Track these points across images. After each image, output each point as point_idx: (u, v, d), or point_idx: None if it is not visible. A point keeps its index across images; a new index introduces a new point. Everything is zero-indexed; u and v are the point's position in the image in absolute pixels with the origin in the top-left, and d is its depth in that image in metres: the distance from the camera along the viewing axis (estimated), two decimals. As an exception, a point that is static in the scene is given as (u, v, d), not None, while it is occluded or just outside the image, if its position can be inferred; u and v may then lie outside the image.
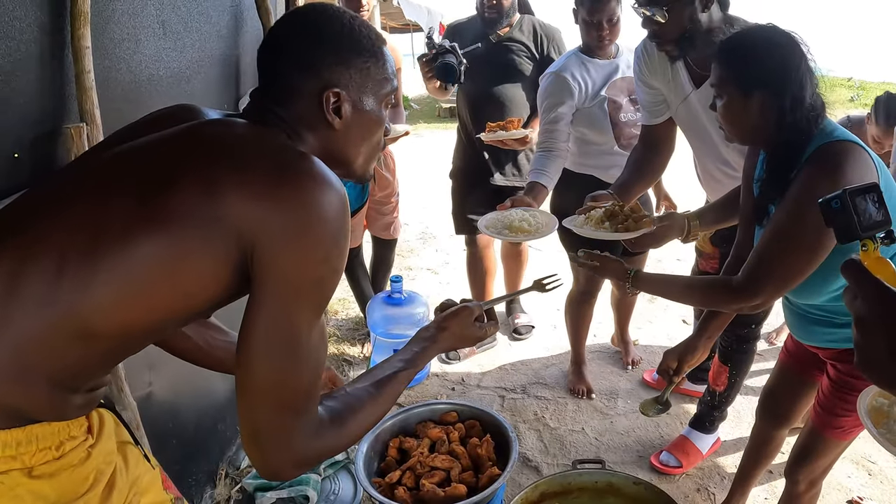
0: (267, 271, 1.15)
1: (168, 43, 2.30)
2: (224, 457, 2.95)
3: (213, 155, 1.20)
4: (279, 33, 1.35)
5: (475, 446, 2.43)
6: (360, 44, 1.34)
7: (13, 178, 1.68)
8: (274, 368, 1.17)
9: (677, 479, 3.08)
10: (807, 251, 1.82)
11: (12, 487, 1.13)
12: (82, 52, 1.81)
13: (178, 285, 1.16)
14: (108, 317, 1.14)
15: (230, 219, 1.13)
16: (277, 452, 1.20)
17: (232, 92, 2.90)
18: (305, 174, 1.18)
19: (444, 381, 3.93)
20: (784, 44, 1.87)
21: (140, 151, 1.26)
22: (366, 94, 1.36)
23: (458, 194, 4.16)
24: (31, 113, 1.75)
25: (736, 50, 1.92)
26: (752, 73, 1.87)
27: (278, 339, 1.16)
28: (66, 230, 1.14)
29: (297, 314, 1.17)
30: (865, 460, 3.16)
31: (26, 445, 1.14)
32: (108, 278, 1.12)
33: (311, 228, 1.15)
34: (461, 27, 3.90)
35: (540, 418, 3.55)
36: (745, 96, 1.89)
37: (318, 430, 1.24)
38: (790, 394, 2.41)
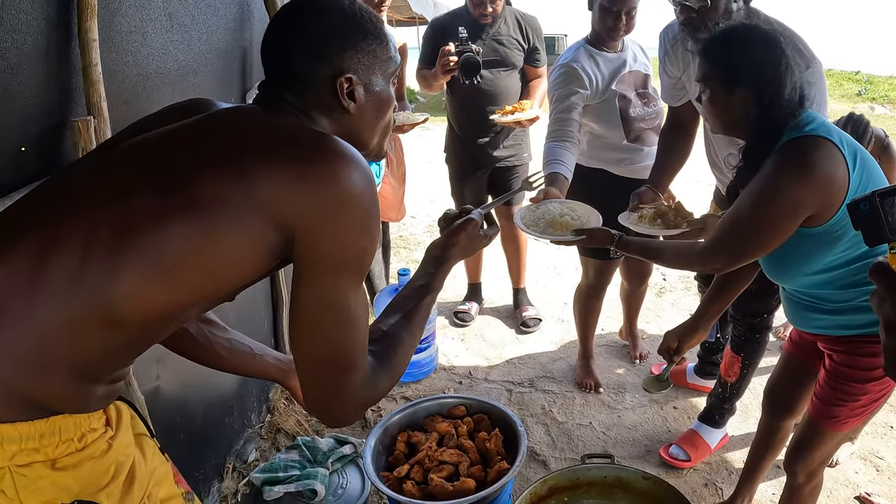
0: (309, 252, 1.19)
1: (175, 35, 2.30)
2: (232, 450, 2.95)
3: (237, 140, 1.22)
4: (283, 24, 1.36)
5: (483, 440, 2.43)
6: (364, 27, 1.35)
7: (20, 172, 1.68)
8: (328, 339, 1.23)
9: (685, 473, 3.07)
10: (759, 231, 1.95)
11: (35, 479, 1.13)
12: (89, 45, 1.80)
13: (209, 269, 1.18)
14: (135, 302, 1.14)
15: (262, 202, 1.15)
16: (343, 408, 1.29)
17: (239, 85, 2.89)
18: (333, 152, 1.20)
19: (451, 374, 3.92)
20: (765, 43, 1.95)
21: (162, 140, 1.27)
22: (374, 75, 1.38)
23: (456, 179, 4.31)
24: (37, 106, 1.75)
25: (720, 47, 2.00)
26: (735, 71, 1.96)
27: (329, 313, 1.22)
28: (90, 220, 1.14)
29: (343, 287, 1.22)
30: (874, 456, 3.15)
31: (49, 437, 1.14)
32: (137, 260, 1.12)
33: (349, 204, 1.18)
34: (444, 24, 3.94)
35: (547, 412, 3.55)
36: (728, 93, 1.99)
37: (372, 377, 1.31)
38: (795, 384, 2.41)
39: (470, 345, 4.30)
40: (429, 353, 3.84)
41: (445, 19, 3.96)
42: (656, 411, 3.53)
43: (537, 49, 3.99)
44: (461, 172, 4.24)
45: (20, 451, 1.11)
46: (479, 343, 4.32)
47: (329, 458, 2.54)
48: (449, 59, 3.60)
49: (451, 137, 4.23)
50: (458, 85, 3.88)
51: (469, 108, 3.98)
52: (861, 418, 2.16)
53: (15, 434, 1.11)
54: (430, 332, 3.78)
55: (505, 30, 3.87)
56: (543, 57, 4.05)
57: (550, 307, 4.78)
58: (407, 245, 6.04)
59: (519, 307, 4.59)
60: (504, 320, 4.61)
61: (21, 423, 1.11)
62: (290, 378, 1.76)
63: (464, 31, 3.63)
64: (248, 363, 1.71)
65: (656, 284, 5.12)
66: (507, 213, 4.26)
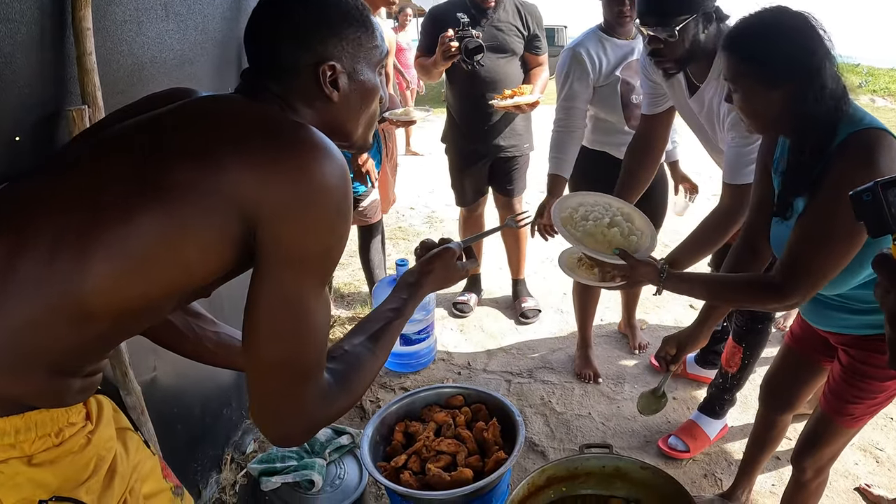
0: (272, 244, 1.14)
1: (171, 25, 2.28)
2: (230, 442, 2.95)
3: (207, 128, 1.19)
4: (267, 10, 1.33)
5: (481, 430, 2.42)
6: (349, 14, 1.33)
7: (14, 162, 1.67)
8: (283, 340, 1.16)
9: (684, 464, 3.07)
10: (843, 247, 1.75)
11: (12, 476, 1.12)
12: (84, 34, 1.79)
13: (179, 260, 1.14)
14: (107, 296, 1.12)
15: (230, 191, 1.12)
16: (290, 419, 1.20)
17: (235, 74, 2.88)
18: (304, 143, 1.17)
19: (450, 365, 3.92)
20: (801, 28, 1.77)
21: (133, 130, 1.25)
22: (359, 63, 1.35)
23: (457, 170, 4.29)
24: (32, 96, 1.73)
25: (751, 42, 1.81)
26: (773, 65, 1.77)
27: (286, 312, 1.15)
28: (61, 212, 1.13)
29: (304, 286, 1.16)
30: (873, 447, 3.15)
31: (25, 433, 1.13)
32: (107, 256, 1.10)
33: (315, 199, 1.14)
34: (443, 12, 3.93)
35: (546, 403, 3.54)
36: (767, 90, 1.80)
37: (326, 394, 1.24)
38: (794, 378, 2.40)
39: (469, 335, 4.29)
40: (427, 343, 3.83)
41: (444, 7, 3.94)
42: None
43: (537, 36, 3.97)
44: (461, 163, 4.23)
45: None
46: (478, 334, 4.32)
47: (326, 449, 2.54)
48: (449, 44, 3.59)
49: (450, 127, 4.22)
50: (457, 73, 3.87)
51: (469, 96, 3.96)
52: (874, 415, 2.12)
53: None
54: (429, 322, 3.77)
55: (504, 16, 3.86)
56: (544, 45, 4.03)
57: (549, 298, 4.77)
58: (406, 236, 6.03)
59: (518, 298, 4.58)
60: (503, 311, 4.61)
61: None
62: None
63: (464, 16, 3.63)
64: (235, 356, 1.67)
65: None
66: (508, 204, 4.25)
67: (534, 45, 3.98)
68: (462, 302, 4.59)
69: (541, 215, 3.34)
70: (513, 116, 4.00)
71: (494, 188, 4.29)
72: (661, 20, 2.34)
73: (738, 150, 2.43)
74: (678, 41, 2.36)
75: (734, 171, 2.46)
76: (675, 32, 2.33)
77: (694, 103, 2.63)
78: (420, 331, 3.70)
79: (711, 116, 2.60)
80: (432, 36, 3.81)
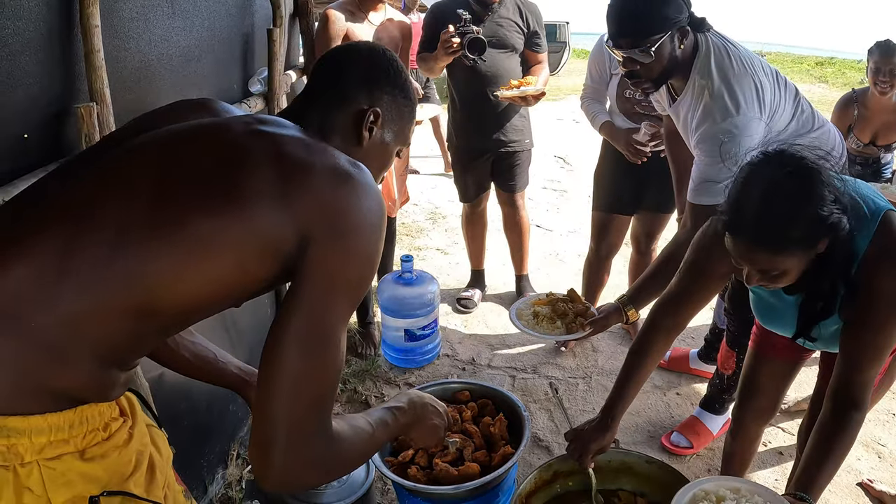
0: (315, 265, 1.20)
1: (177, 22, 2.29)
2: (236, 437, 2.96)
3: (278, 145, 1.27)
4: (346, 52, 1.53)
5: (488, 425, 2.43)
6: (407, 88, 1.53)
7: (22, 159, 1.68)
8: (304, 358, 1.19)
9: (688, 459, 3.08)
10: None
11: (64, 473, 1.12)
12: (92, 31, 1.80)
13: (240, 262, 1.20)
14: (169, 290, 1.16)
15: (294, 206, 1.19)
16: (292, 450, 1.20)
17: (240, 71, 2.89)
18: (361, 182, 1.27)
19: (454, 361, 3.93)
20: (811, 187, 1.61)
21: (198, 134, 1.31)
22: (394, 126, 1.52)
23: (459, 166, 4.32)
24: (40, 93, 1.74)
25: (772, 232, 1.64)
26: (795, 241, 1.64)
27: (313, 331, 1.20)
28: (124, 208, 1.16)
29: (334, 308, 1.22)
30: (876, 443, 3.16)
31: (78, 427, 1.14)
32: (173, 251, 1.14)
33: (362, 231, 1.24)
34: (444, 8, 3.93)
35: (551, 398, 3.55)
36: (800, 260, 1.70)
37: (331, 438, 1.27)
38: (783, 385, 2.41)
39: (473, 331, 4.30)
40: (432, 339, 3.84)
41: (445, 3, 3.95)
42: (659, 397, 3.54)
43: (537, 34, 3.99)
44: (464, 159, 4.24)
45: (49, 443, 1.10)
46: (482, 330, 4.33)
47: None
48: (451, 40, 3.60)
49: (453, 124, 4.22)
50: (458, 69, 3.88)
51: (470, 92, 3.98)
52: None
53: (44, 425, 1.10)
54: (434, 318, 3.78)
55: (505, 13, 3.88)
56: (544, 43, 4.05)
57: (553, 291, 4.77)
58: (409, 232, 6.03)
59: (522, 294, 4.58)
60: (507, 307, 4.60)
61: (50, 414, 1.10)
62: (249, 388, 1.76)
63: (465, 12, 3.64)
64: (211, 369, 1.72)
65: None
66: (510, 200, 4.27)
67: (534, 43, 4.00)
68: (466, 298, 4.60)
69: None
70: (513, 112, 4.02)
71: (497, 184, 4.30)
72: (635, 41, 2.28)
73: (704, 168, 2.37)
74: (654, 61, 2.30)
75: (699, 191, 2.39)
76: (651, 53, 2.27)
77: (672, 113, 2.61)
78: (424, 326, 3.71)
79: (686, 129, 2.56)
80: (434, 31, 3.82)
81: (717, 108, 2.31)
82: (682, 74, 2.42)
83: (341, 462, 1.32)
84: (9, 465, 1.07)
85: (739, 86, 2.32)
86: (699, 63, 2.38)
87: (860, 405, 1.81)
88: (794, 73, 18.27)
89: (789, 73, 18.61)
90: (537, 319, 2.56)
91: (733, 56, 2.38)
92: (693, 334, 4.13)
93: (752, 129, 2.31)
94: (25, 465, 1.08)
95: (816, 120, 2.55)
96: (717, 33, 2.45)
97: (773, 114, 2.39)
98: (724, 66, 2.35)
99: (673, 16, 2.26)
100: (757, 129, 2.33)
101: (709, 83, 2.34)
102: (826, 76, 17.93)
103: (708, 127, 2.34)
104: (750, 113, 2.30)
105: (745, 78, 2.33)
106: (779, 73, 2.49)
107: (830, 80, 16.94)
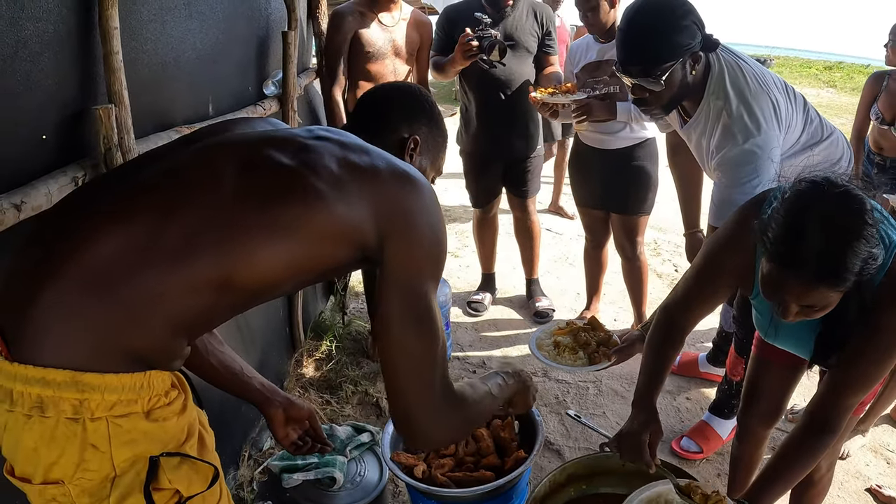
0: (397, 256, 1.36)
1: (193, 24, 2.30)
2: (247, 438, 2.96)
3: (344, 148, 1.40)
4: (383, 94, 1.76)
5: (498, 428, 2.43)
6: (440, 122, 1.76)
7: (41, 160, 1.69)
8: (415, 335, 1.35)
9: (697, 464, 3.08)
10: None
11: (129, 430, 1.19)
12: (111, 33, 1.81)
13: (317, 248, 1.32)
14: (249, 268, 1.26)
15: (368, 201, 1.33)
16: (427, 415, 1.39)
17: (255, 73, 2.90)
18: (419, 180, 1.43)
19: (465, 364, 3.93)
20: (865, 217, 1.58)
21: (273, 137, 1.43)
22: (430, 155, 1.73)
23: (471, 172, 4.31)
24: (59, 94, 1.75)
25: (830, 265, 1.57)
26: (852, 276, 1.58)
27: (415, 311, 1.35)
28: (212, 191, 1.27)
29: (425, 285, 1.37)
30: (884, 449, 3.16)
31: (146, 389, 1.22)
32: (256, 234, 1.25)
33: (429, 219, 1.39)
34: (459, 11, 3.93)
35: (561, 402, 3.55)
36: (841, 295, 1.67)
37: (457, 397, 1.45)
38: (787, 387, 2.40)
39: (483, 334, 4.30)
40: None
41: (460, 6, 3.94)
42: (669, 402, 3.53)
43: (550, 34, 3.99)
44: (476, 165, 4.24)
45: (119, 401, 1.18)
46: (493, 333, 4.33)
47: (347, 446, 2.55)
48: (470, 43, 3.57)
49: (465, 129, 4.21)
50: (472, 73, 3.86)
51: (483, 95, 3.96)
52: (874, 396, 2.07)
53: (118, 384, 1.17)
54: (445, 321, 3.77)
55: (520, 16, 3.87)
56: (556, 45, 4.05)
57: (563, 298, 4.78)
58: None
59: (532, 297, 4.59)
60: (517, 310, 4.62)
61: (123, 374, 1.18)
62: (271, 406, 1.87)
63: (484, 16, 3.61)
64: (235, 381, 1.80)
65: (668, 275, 5.12)
66: (521, 205, 4.27)
67: (546, 44, 3.98)
68: (477, 301, 4.60)
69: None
70: (526, 117, 4.01)
71: (508, 189, 4.30)
72: (645, 69, 2.24)
73: (727, 191, 2.32)
74: (664, 89, 2.26)
75: (720, 213, 2.32)
76: (661, 82, 2.23)
77: (685, 134, 2.57)
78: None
79: (700, 151, 2.53)
80: (448, 35, 3.83)
81: (738, 128, 2.27)
82: (694, 97, 2.38)
83: (470, 418, 1.52)
84: (79, 419, 1.15)
85: (758, 104, 2.28)
86: (713, 84, 2.34)
87: (835, 430, 1.82)
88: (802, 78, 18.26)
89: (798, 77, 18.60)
90: (558, 350, 2.54)
91: (747, 74, 2.34)
92: (702, 339, 4.12)
93: (774, 148, 2.28)
94: (95, 420, 1.16)
95: (825, 129, 2.53)
96: (727, 49, 2.42)
97: (788, 128, 2.37)
98: (740, 84, 2.31)
99: (685, 42, 2.21)
100: (778, 147, 2.30)
101: (726, 104, 2.30)
102: (834, 80, 17.90)
103: (730, 149, 2.29)
104: (771, 132, 2.27)
105: (761, 96, 2.30)
106: (787, 85, 2.46)
107: (839, 85, 16.92)
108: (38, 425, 1.15)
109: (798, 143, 2.44)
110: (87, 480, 1.18)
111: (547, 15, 3.98)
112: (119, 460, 1.18)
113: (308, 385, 3.49)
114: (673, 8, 2.23)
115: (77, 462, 1.16)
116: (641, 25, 2.25)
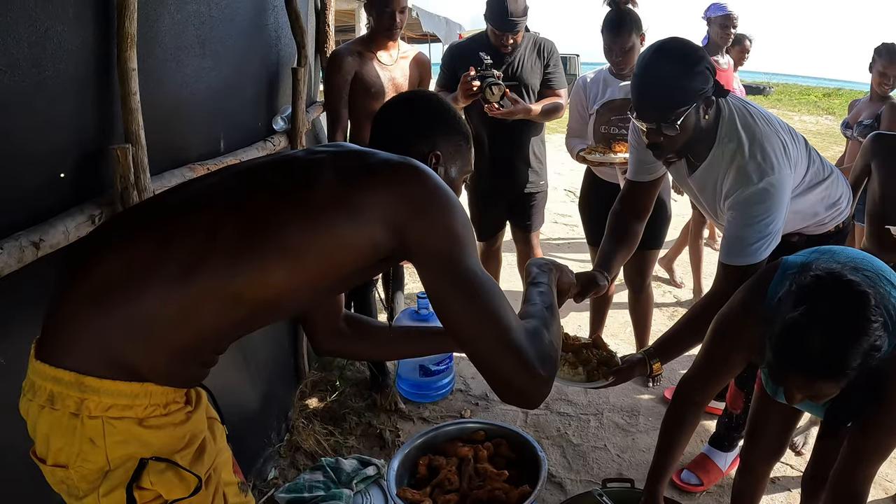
0: (424, 242, 1.39)
1: (207, 62, 2.34)
2: (252, 468, 2.97)
3: (338, 158, 1.46)
4: (393, 111, 1.75)
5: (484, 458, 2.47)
6: (457, 121, 1.73)
7: (58, 198, 1.72)
8: (474, 302, 1.38)
9: (698, 496, 3.08)
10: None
11: (122, 432, 1.29)
12: (129, 75, 1.84)
13: (329, 257, 1.37)
14: (258, 288, 1.33)
15: (371, 206, 1.36)
16: (519, 368, 1.37)
17: (265, 109, 2.94)
18: (416, 165, 1.45)
19: (467, 396, 3.94)
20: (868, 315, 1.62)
21: (272, 163, 1.54)
22: (454, 165, 1.72)
23: (476, 207, 4.30)
24: (77, 133, 1.79)
25: (830, 367, 1.63)
26: (853, 370, 1.63)
27: (459, 278, 1.38)
28: (217, 211, 1.36)
29: (465, 261, 1.40)
30: (884, 480, 3.16)
31: (141, 398, 1.30)
32: (261, 255, 1.32)
33: (438, 195, 1.42)
34: (464, 49, 3.97)
35: (563, 434, 3.56)
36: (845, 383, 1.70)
37: (532, 336, 1.43)
38: (788, 425, 2.42)
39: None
40: (446, 374, 3.86)
41: (465, 44, 3.98)
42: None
43: (554, 72, 4.00)
44: (481, 201, 4.24)
45: (114, 405, 1.28)
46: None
47: (353, 480, 2.57)
48: (471, 83, 3.60)
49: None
50: (476, 109, 3.88)
51: (489, 131, 3.97)
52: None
53: (113, 389, 1.28)
54: (448, 354, 3.79)
55: (523, 54, 3.89)
56: (561, 79, 4.06)
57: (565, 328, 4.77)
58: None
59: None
60: (518, 341, 4.61)
61: (120, 381, 1.28)
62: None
63: (486, 56, 3.63)
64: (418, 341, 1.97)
65: (669, 308, 5.14)
66: (525, 239, 4.30)
67: (550, 81, 4.00)
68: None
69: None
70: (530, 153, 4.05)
71: (512, 223, 4.31)
72: (660, 115, 2.24)
73: (741, 230, 2.31)
74: (679, 134, 2.26)
75: (732, 252, 2.34)
76: (676, 127, 2.23)
77: (694, 182, 2.56)
78: (439, 362, 3.73)
79: (712, 196, 2.51)
80: (452, 72, 3.87)
81: (753, 168, 2.27)
82: (704, 144, 2.38)
83: (552, 347, 1.48)
84: (79, 415, 1.27)
85: (770, 144, 2.29)
86: (724, 128, 2.36)
87: (861, 499, 1.86)
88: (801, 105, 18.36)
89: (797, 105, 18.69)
90: (560, 363, 2.55)
91: (756, 116, 2.37)
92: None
93: (787, 186, 2.30)
94: (93, 418, 1.28)
95: (825, 168, 2.56)
96: (733, 95, 2.45)
97: (795, 167, 2.38)
98: (751, 126, 2.33)
99: (699, 87, 2.22)
100: (790, 186, 2.33)
101: (739, 146, 2.31)
102: (833, 108, 18.00)
103: (745, 188, 2.28)
104: (784, 171, 2.28)
105: (772, 136, 2.32)
106: (789, 126, 2.49)
107: (838, 112, 16.99)
108: (49, 415, 1.29)
109: (803, 183, 2.46)
110: (86, 469, 1.30)
111: (551, 52, 3.98)
112: (113, 456, 1.29)
113: (312, 416, 3.50)
114: (688, 53, 2.26)
115: (77, 452, 1.29)
116: (657, 70, 2.26)
